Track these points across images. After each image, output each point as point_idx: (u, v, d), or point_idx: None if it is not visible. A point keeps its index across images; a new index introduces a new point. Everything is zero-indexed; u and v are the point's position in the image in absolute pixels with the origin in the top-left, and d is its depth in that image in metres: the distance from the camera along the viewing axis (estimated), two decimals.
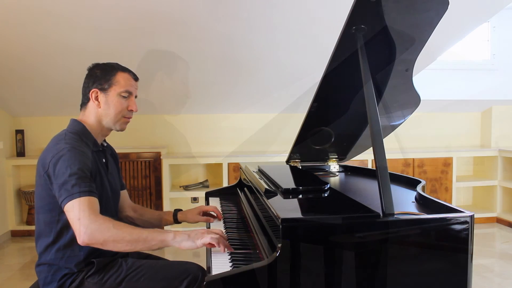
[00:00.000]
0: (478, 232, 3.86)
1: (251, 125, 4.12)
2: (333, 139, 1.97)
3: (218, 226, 1.65)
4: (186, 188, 3.83)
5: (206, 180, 3.91)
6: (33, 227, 3.76)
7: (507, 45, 4.14)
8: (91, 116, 1.49)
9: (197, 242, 1.25)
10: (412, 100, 1.77)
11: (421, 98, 1.77)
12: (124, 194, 1.73)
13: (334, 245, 1.04)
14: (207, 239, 1.25)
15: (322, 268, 1.03)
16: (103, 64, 1.52)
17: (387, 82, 1.61)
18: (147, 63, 3.11)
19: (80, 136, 1.44)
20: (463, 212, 1.10)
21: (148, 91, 3.44)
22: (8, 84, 3.33)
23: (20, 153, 3.83)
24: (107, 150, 1.59)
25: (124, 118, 1.52)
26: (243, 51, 3.05)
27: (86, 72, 1.53)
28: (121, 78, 1.48)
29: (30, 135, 3.90)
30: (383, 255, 1.06)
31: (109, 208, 1.50)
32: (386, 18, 1.36)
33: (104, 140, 1.59)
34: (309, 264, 1.02)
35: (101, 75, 1.48)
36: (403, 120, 1.92)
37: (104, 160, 1.53)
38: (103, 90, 1.47)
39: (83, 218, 1.22)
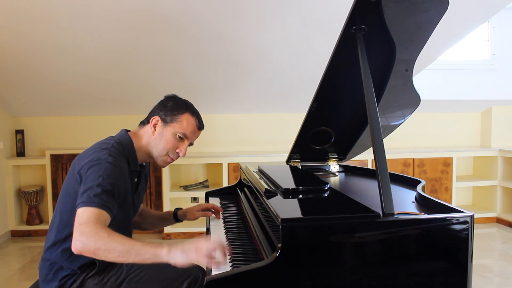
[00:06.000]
0: (478, 232, 3.86)
1: (251, 125, 4.12)
2: (333, 139, 1.97)
3: (218, 225, 1.65)
4: (186, 188, 3.83)
5: (206, 180, 3.91)
6: (33, 227, 3.78)
7: (507, 45, 4.14)
8: (143, 138, 1.49)
9: (190, 256, 1.15)
10: (412, 100, 1.77)
11: (421, 98, 1.77)
12: (140, 208, 1.73)
13: (334, 245, 1.04)
14: (202, 258, 1.14)
15: (322, 268, 1.03)
16: (180, 99, 1.52)
17: (387, 82, 1.61)
18: (146, 63, 3.12)
19: (124, 149, 1.42)
20: (463, 212, 1.10)
21: (147, 91, 3.44)
22: (8, 84, 3.33)
23: (20, 153, 3.83)
24: (143, 171, 1.57)
25: (167, 156, 1.49)
26: (243, 51, 3.05)
27: (163, 98, 1.54)
28: (185, 120, 1.47)
29: (30, 135, 3.90)
30: (383, 255, 1.06)
31: (127, 227, 1.51)
32: (386, 18, 1.36)
33: None
34: (309, 264, 1.02)
35: (170, 107, 1.48)
36: (403, 120, 1.92)
37: (136, 180, 1.52)
38: (164, 121, 1.47)
39: (84, 225, 1.19)
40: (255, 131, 4.13)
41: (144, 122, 1.52)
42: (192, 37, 2.84)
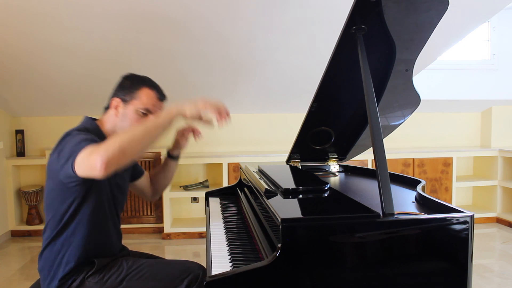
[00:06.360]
0: (478, 232, 3.86)
1: (251, 125, 4.12)
2: (333, 139, 1.97)
3: (219, 225, 1.65)
4: (186, 188, 3.83)
5: (206, 180, 3.91)
6: (33, 227, 3.78)
7: (507, 45, 4.14)
8: (108, 122, 1.49)
9: (199, 104, 1.28)
10: (412, 100, 1.77)
11: (421, 98, 1.77)
12: (145, 178, 1.73)
13: (334, 245, 1.04)
14: (210, 106, 1.29)
15: (322, 268, 1.03)
16: (135, 76, 1.50)
17: (387, 82, 1.61)
18: (146, 64, 3.12)
19: (90, 132, 1.41)
20: (463, 212, 1.10)
21: None
22: (8, 84, 3.33)
23: (20, 153, 3.83)
24: None
25: None
26: (243, 52, 3.05)
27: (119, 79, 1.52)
28: (144, 95, 1.45)
29: (30, 135, 3.90)
30: (383, 255, 1.06)
31: (116, 207, 1.52)
32: (386, 18, 1.36)
33: None
34: (309, 264, 1.02)
35: (128, 86, 1.47)
36: (403, 120, 1.92)
37: None
38: (124, 101, 1.46)
39: (92, 153, 1.14)
40: (255, 131, 4.13)
41: (107, 107, 1.51)
42: (193, 37, 2.84)
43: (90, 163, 1.13)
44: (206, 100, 1.30)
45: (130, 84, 1.47)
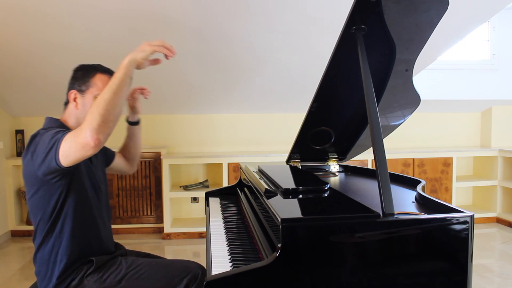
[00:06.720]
0: (478, 232, 3.86)
1: (251, 125, 4.12)
2: (333, 139, 1.97)
3: (219, 225, 1.65)
4: (186, 188, 3.84)
5: (206, 180, 3.91)
6: (33, 227, 3.77)
7: (507, 45, 4.14)
8: (71, 117, 1.50)
9: (146, 49, 1.34)
10: (412, 100, 1.77)
11: (421, 98, 1.77)
12: (119, 157, 1.75)
13: (334, 245, 1.04)
14: (156, 46, 1.36)
15: (322, 268, 1.03)
16: (86, 65, 1.51)
17: (387, 82, 1.60)
18: None
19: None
20: (463, 212, 1.10)
21: None
22: (8, 84, 3.33)
23: (20, 153, 3.83)
24: None
25: None
26: (243, 52, 3.05)
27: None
28: (98, 81, 1.46)
29: (30, 135, 3.90)
30: (383, 255, 1.06)
31: (98, 197, 1.51)
32: (386, 18, 1.36)
33: None
34: (309, 264, 1.02)
35: (81, 76, 1.47)
36: (403, 120, 1.92)
37: None
38: (80, 91, 1.46)
39: (78, 129, 1.23)
40: (255, 131, 4.13)
41: (66, 102, 1.52)
42: (193, 37, 2.84)
43: (81, 142, 1.19)
44: (150, 42, 1.36)
45: (83, 74, 1.48)
